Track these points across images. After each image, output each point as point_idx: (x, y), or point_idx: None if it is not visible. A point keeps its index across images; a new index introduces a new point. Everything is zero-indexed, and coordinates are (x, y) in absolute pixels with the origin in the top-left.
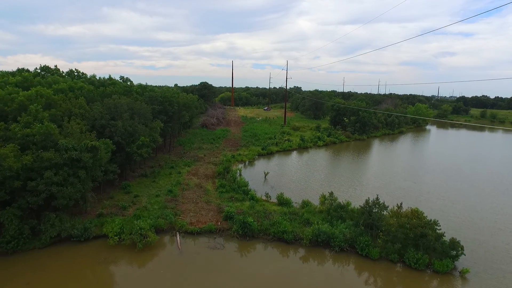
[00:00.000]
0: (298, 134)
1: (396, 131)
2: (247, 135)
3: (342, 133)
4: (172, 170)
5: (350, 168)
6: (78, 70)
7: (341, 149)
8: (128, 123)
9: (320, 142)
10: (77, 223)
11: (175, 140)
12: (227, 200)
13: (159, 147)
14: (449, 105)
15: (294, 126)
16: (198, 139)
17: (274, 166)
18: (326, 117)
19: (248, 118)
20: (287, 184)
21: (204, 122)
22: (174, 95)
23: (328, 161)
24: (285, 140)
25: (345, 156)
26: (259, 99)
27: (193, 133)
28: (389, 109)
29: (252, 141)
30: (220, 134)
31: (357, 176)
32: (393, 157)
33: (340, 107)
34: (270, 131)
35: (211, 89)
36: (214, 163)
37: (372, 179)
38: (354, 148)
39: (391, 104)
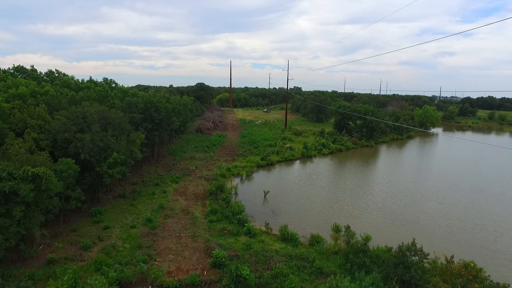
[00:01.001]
0: (301, 140)
1: (405, 135)
2: (245, 142)
3: (348, 139)
4: (157, 189)
5: (360, 183)
6: (59, 70)
7: (348, 158)
8: (98, 136)
9: (325, 150)
10: (11, 280)
11: (165, 148)
12: (218, 234)
13: (146, 158)
14: (455, 107)
15: (296, 130)
16: (191, 147)
17: (275, 181)
18: (330, 119)
19: (247, 122)
20: (290, 206)
21: (199, 127)
22: (161, 100)
23: (335, 174)
24: (286, 148)
25: (353, 168)
26: (258, 100)
27: (187, 139)
28: (396, 112)
29: (250, 149)
30: (215, 140)
31: (370, 194)
32: (407, 168)
33: (346, 111)
34: (270, 136)
35: (208, 90)
36: (207, 177)
37: (388, 199)
38: (362, 157)
39: (397, 106)
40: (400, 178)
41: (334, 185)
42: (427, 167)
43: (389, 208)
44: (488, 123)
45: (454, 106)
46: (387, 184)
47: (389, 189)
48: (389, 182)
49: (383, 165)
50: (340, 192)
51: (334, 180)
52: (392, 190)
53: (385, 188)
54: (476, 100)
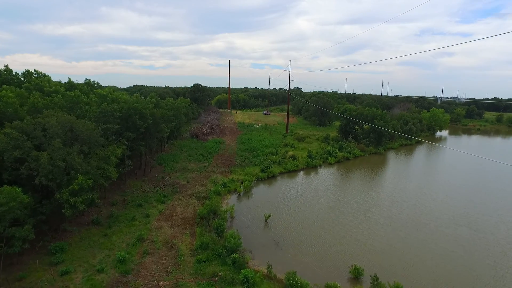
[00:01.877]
0: (304, 146)
1: (414, 140)
2: (244, 149)
3: (355, 146)
4: (139, 211)
5: (374, 202)
6: (39, 71)
7: (356, 168)
8: (60, 153)
9: (331, 158)
10: None
11: (155, 157)
12: (207, 283)
13: (132, 171)
14: (462, 109)
15: (298, 135)
16: (184, 155)
17: (277, 200)
18: (333, 123)
19: (246, 125)
20: (296, 234)
21: (194, 132)
22: (147, 106)
23: (344, 189)
24: (289, 157)
25: (364, 181)
26: (258, 101)
27: (180, 145)
28: (404, 116)
29: (249, 158)
30: (211, 147)
31: (387, 218)
32: (424, 181)
33: (352, 115)
34: (271, 142)
35: (205, 92)
36: (199, 195)
37: (411, 224)
38: (372, 167)
39: (403, 108)
40: (420, 195)
41: (345, 204)
42: (446, 180)
43: (413, 238)
44: (496, 126)
45: (461, 108)
46: (406, 204)
47: (409, 210)
48: (408, 201)
49: (397, 178)
50: (352, 215)
51: (344, 197)
52: (413, 212)
53: (404, 209)
54: (482, 102)
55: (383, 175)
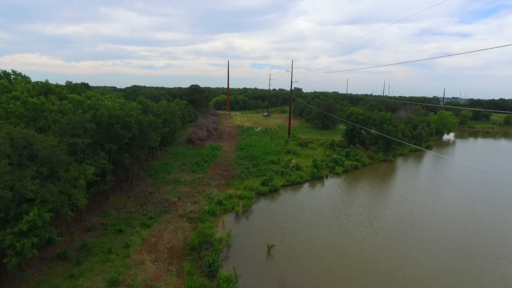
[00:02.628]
0: (308, 153)
1: (423, 145)
2: (243, 156)
3: (363, 153)
4: (118, 240)
5: (392, 225)
6: (16, 71)
7: (366, 178)
8: (6, 179)
9: (338, 168)
10: None
11: (146, 167)
12: None
13: (117, 184)
14: (468, 110)
15: (301, 141)
16: (177, 164)
17: (281, 221)
18: (337, 126)
19: (245, 129)
20: (306, 271)
21: (190, 137)
22: (131, 113)
23: (355, 206)
24: (292, 167)
25: (377, 194)
26: (257, 103)
27: (174, 152)
28: (412, 119)
29: (248, 168)
30: (208, 154)
31: (412, 247)
32: (445, 195)
33: (359, 119)
34: (272, 149)
35: (202, 93)
36: (191, 216)
37: (441, 256)
38: (383, 177)
39: (411, 111)
40: (442, 214)
41: (359, 227)
42: (471, 195)
43: (448, 279)
44: (504, 128)
45: (468, 110)
46: (428, 225)
47: (434, 235)
48: (430, 222)
49: (413, 191)
50: (368, 242)
51: (356, 218)
52: (440, 238)
53: (428, 235)
54: (487, 103)
55: (397, 187)
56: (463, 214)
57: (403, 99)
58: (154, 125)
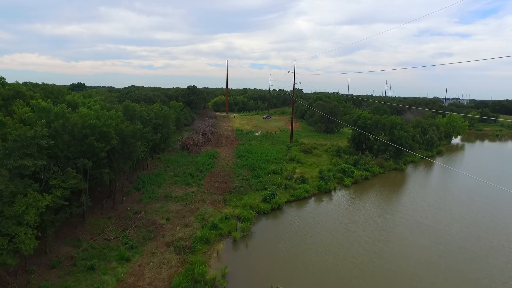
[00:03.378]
0: (312, 161)
1: (434, 151)
2: (242, 165)
3: (373, 161)
4: (86, 281)
5: (419, 254)
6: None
7: (378, 191)
8: None
9: (348, 179)
10: None
11: (133, 179)
12: None
13: (98, 201)
14: (476, 112)
15: (305, 146)
16: (170, 175)
17: (287, 249)
18: (342, 129)
19: (244, 133)
20: None
21: (185, 143)
22: (109, 122)
23: (368, 228)
24: (297, 179)
25: (391, 210)
26: (257, 104)
27: (167, 160)
28: (421, 122)
29: (248, 179)
30: (204, 162)
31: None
32: (473, 214)
33: (367, 124)
34: (274, 156)
35: (200, 95)
36: (180, 245)
37: None
38: (396, 189)
39: (418, 114)
40: (475, 242)
41: (376, 258)
42: (495, 213)
43: None
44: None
45: (475, 111)
46: (464, 251)
47: (476, 269)
48: (465, 248)
49: (432, 206)
50: (389, 277)
51: (373, 244)
52: (483, 274)
53: (467, 267)
54: (493, 104)
55: (413, 204)
56: (498, 241)
57: (407, 100)
58: (140, 134)
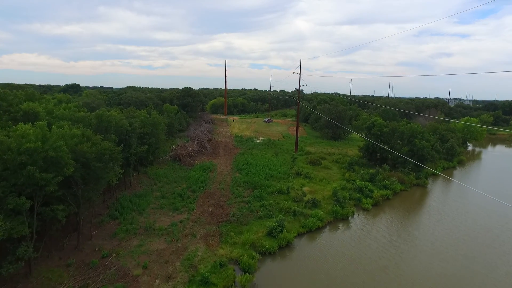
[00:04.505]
0: (322, 175)
1: (455, 160)
2: (242, 182)
3: (392, 176)
4: None
5: None
6: None
7: (404, 216)
8: None
9: (366, 200)
10: None
11: (111, 201)
12: None
13: (59, 239)
14: (489, 115)
15: (312, 157)
16: (156, 196)
17: None
18: (350, 135)
19: (244, 140)
20: None
21: (177, 153)
22: (58, 145)
23: (402, 278)
24: (307, 201)
25: (426, 244)
26: (257, 105)
27: (156, 175)
28: (437, 128)
29: (249, 202)
30: (197, 178)
31: None
32: None
33: (383, 132)
34: (277, 169)
35: (196, 97)
36: None
37: None
38: (424, 210)
39: (430, 118)
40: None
41: None
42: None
43: None
44: None
45: (488, 114)
46: None
47: None
48: None
49: (480, 245)
50: None
51: None
52: None
53: None
54: (502, 105)
55: (450, 234)
56: None
57: (414, 102)
58: (108, 156)
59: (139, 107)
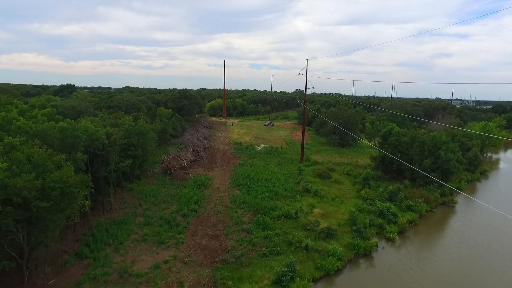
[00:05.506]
0: (334, 192)
1: (478, 172)
2: (241, 203)
3: (416, 194)
4: None
5: None
6: None
7: (439, 248)
8: None
9: (390, 228)
10: None
11: (85, 230)
12: None
13: None
14: (502, 118)
15: (320, 168)
16: (139, 222)
17: None
18: (359, 142)
19: (244, 147)
20: None
21: (168, 165)
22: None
23: None
24: (320, 231)
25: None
26: (257, 107)
27: (142, 193)
28: (455, 135)
29: (251, 231)
30: (190, 197)
31: None
32: None
33: (402, 142)
34: (283, 184)
35: (192, 100)
36: None
37: None
38: (464, 243)
39: (444, 122)
40: None
41: None
42: None
43: None
44: None
45: (501, 117)
46: None
47: None
48: None
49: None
50: None
51: None
52: None
53: None
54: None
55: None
56: None
57: (421, 104)
58: (60, 191)
59: (130, 111)
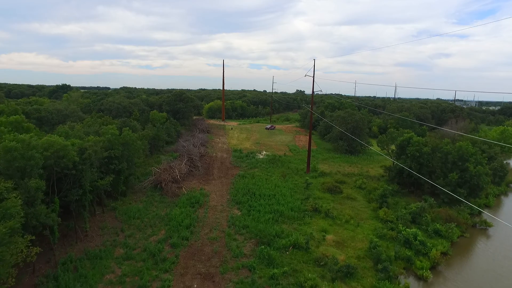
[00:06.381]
0: (348, 212)
1: (503, 185)
2: (241, 227)
3: (442, 214)
4: None
5: None
6: None
7: None
8: None
9: (422, 263)
10: None
11: (45, 270)
12: None
13: None
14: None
15: (329, 181)
16: (117, 255)
17: None
18: (368, 149)
19: (244, 154)
20: None
21: (159, 178)
22: None
23: None
24: (338, 270)
25: None
26: (257, 109)
27: (126, 214)
28: (474, 141)
29: (254, 268)
30: (181, 220)
31: None
32: None
33: (423, 153)
34: (289, 202)
35: (189, 102)
36: None
37: None
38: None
39: (458, 127)
40: None
41: None
42: None
43: None
44: None
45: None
46: None
47: None
48: None
49: None
50: None
51: None
52: None
53: None
54: None
55: None
56: None
57: (428, 105)
58: None
59: (122, 115)
